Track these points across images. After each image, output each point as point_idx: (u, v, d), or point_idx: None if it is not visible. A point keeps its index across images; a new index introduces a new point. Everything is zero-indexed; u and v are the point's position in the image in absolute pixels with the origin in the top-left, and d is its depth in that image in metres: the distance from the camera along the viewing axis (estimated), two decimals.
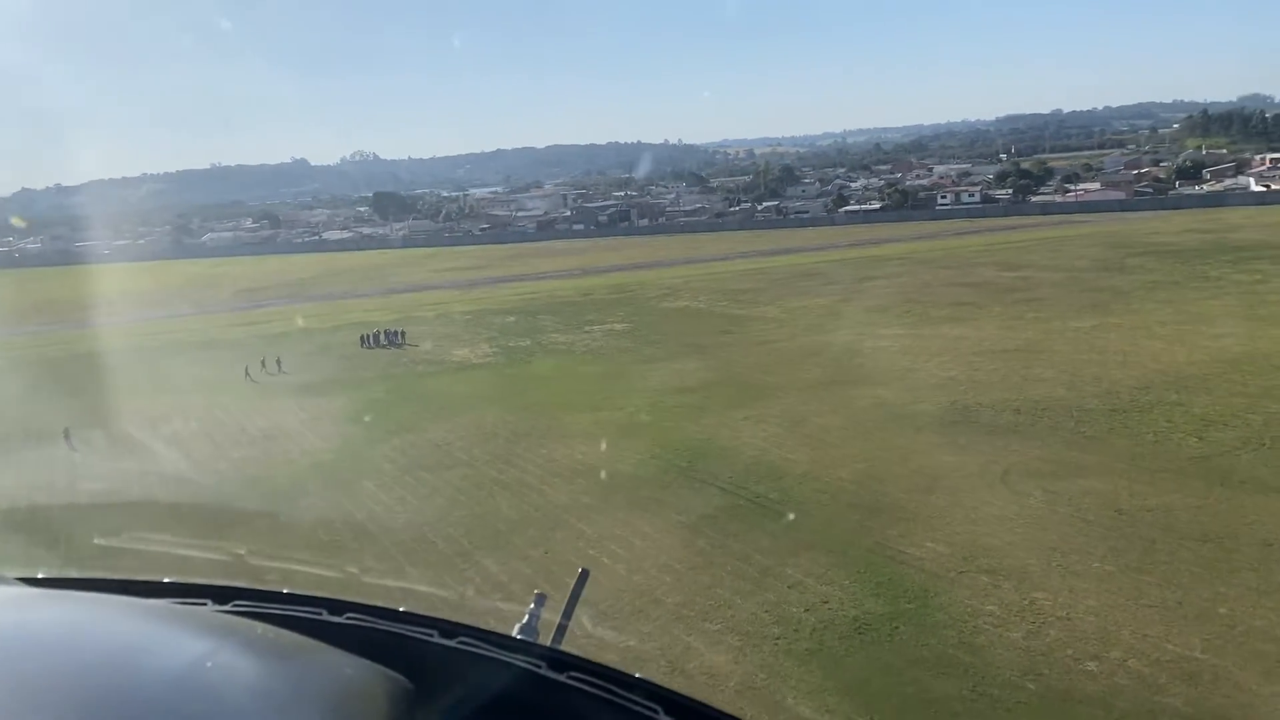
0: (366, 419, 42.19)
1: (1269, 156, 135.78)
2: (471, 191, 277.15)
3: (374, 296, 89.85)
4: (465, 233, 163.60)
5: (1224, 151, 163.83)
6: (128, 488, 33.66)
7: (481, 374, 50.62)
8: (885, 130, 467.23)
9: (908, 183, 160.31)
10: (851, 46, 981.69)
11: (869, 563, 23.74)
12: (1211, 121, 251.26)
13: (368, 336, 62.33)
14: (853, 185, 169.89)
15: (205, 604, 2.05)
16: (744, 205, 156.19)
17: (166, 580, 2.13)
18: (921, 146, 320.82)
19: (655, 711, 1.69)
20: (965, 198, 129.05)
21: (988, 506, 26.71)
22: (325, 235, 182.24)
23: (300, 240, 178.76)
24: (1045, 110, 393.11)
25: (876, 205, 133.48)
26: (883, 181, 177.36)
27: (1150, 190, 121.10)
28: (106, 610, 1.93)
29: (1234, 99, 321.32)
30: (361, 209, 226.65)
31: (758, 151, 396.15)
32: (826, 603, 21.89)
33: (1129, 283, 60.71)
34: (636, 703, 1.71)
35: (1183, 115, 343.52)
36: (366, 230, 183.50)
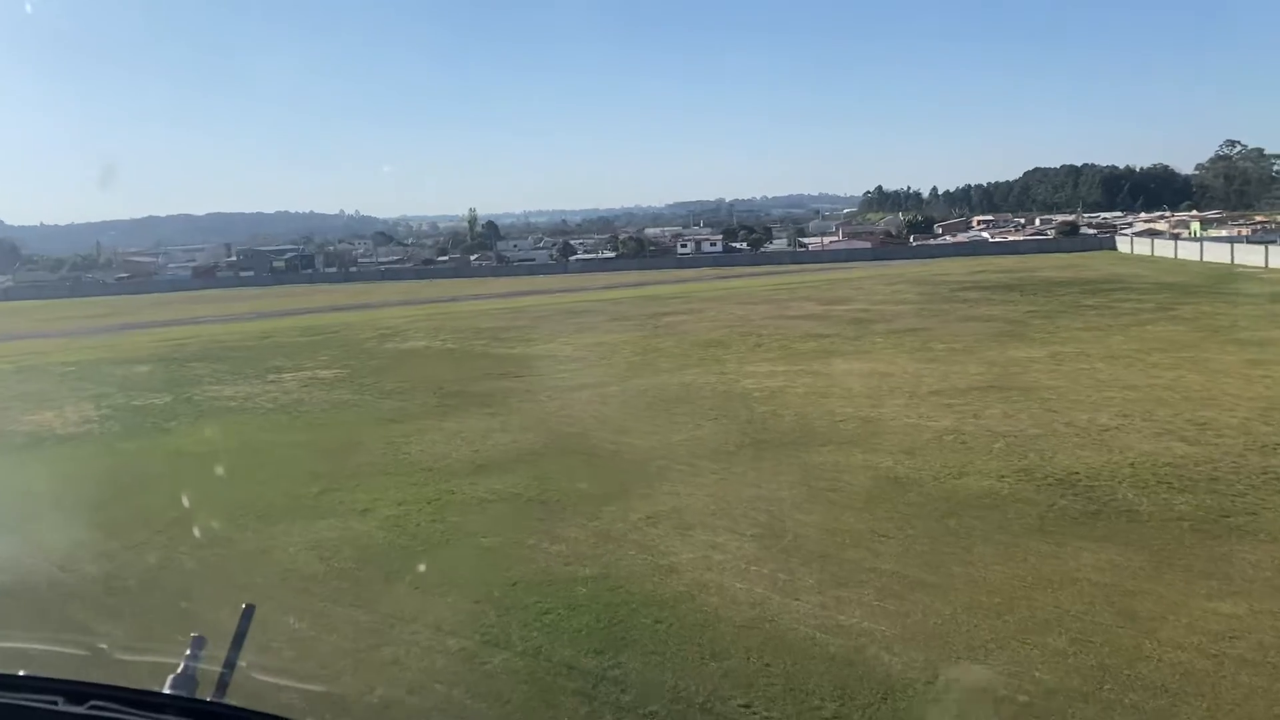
0: None
1: (976, 218, 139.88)
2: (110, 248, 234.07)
3: None
4: (95, 282, 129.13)
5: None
6: None
7: (72, 453, 26.74)
8: (565, 212, 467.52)
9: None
10: (530, 135, 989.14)
11: None
12: (885, 198, 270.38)
13: None
14: (571, 242, 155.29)
15: None
16: (454, 255, 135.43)
17: None
18: (608, 224, 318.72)
19: None
20: (707, 247, 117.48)
21: None
22: None
23: None
24: (711, 198, 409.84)
25: (612, 254, 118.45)
26: (595, 240, 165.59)
27: (893, 242, 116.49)
28: None
29: (864, 191, 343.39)
30: None
31: (441, 225, 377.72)
32: None
33: (1006, 312, 48.06)
34: None
35: (827, 205, 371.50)
36: None
